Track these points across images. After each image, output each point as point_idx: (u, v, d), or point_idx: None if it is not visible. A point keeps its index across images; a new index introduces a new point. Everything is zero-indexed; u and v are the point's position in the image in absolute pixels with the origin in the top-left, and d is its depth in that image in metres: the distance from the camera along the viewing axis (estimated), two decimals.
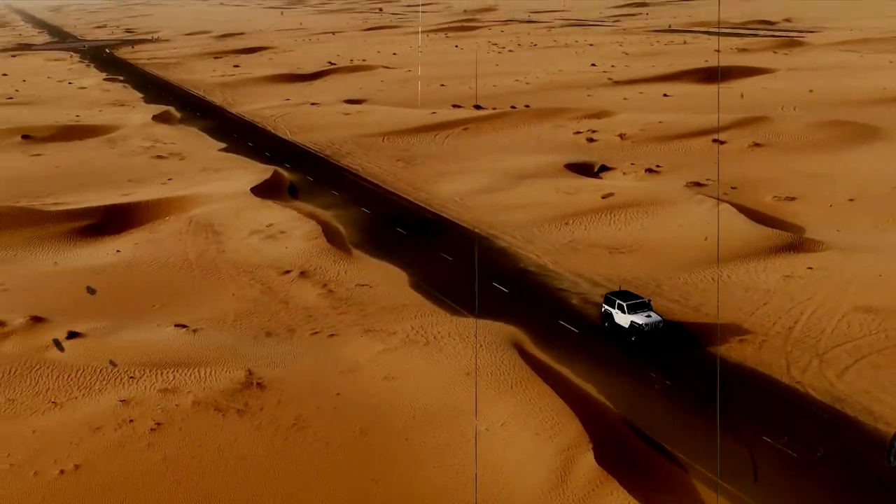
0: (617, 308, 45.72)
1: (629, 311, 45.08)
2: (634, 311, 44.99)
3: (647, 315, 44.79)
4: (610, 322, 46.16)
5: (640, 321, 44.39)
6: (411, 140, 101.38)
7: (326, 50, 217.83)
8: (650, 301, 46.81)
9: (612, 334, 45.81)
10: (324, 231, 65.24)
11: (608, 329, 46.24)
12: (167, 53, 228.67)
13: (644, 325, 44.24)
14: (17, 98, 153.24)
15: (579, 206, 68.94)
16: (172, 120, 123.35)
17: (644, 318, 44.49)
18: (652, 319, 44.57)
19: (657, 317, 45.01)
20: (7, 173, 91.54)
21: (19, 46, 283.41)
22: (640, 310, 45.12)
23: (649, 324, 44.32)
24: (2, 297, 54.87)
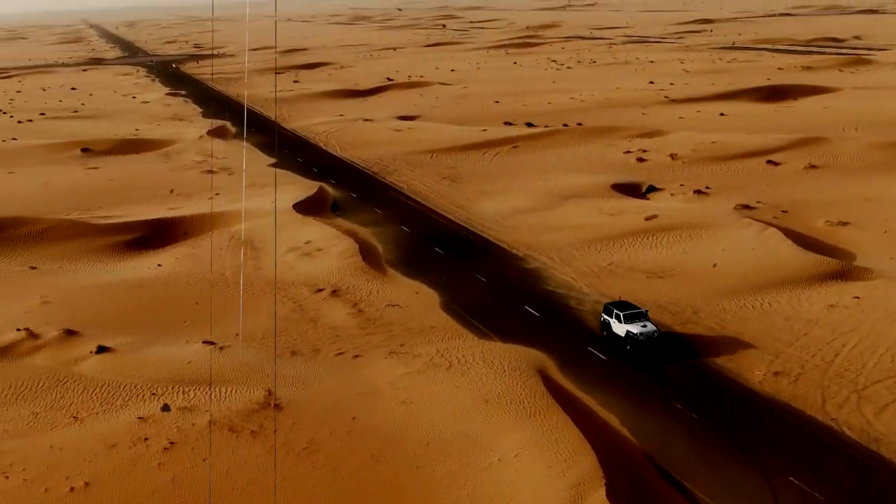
0: (614, 318, 47.00)
1: (625, 320, 46.26)
2: (630, 321, 46.19)
3: (642, 325, 45.89)
4: (608, 331, 47.48)
5: (635, 331, 45.54)
6: (459, 157, 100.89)
7: (386, 66, 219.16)
8: (647, 312, 47.52)
9: (610, 342, 46.85)
10: (360, 249, 65.04)
11: (606, 338, 47.36)
12: (230, 68, 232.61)
13: (639, 335, 45.38)
14: (82, 112, 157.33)
15: (621, 228, 67.50)
16: (227, 135, 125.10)
17: (639, 328, 45.62)
18: (647, 329, 45.63)
19: (652, 327, 46.01)
20: (63, 186, 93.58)
21: (91, 61, 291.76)
22: (635, 320, 46.29)
23: (643, 333, 45.44)
24: (41, 310, 55.71)
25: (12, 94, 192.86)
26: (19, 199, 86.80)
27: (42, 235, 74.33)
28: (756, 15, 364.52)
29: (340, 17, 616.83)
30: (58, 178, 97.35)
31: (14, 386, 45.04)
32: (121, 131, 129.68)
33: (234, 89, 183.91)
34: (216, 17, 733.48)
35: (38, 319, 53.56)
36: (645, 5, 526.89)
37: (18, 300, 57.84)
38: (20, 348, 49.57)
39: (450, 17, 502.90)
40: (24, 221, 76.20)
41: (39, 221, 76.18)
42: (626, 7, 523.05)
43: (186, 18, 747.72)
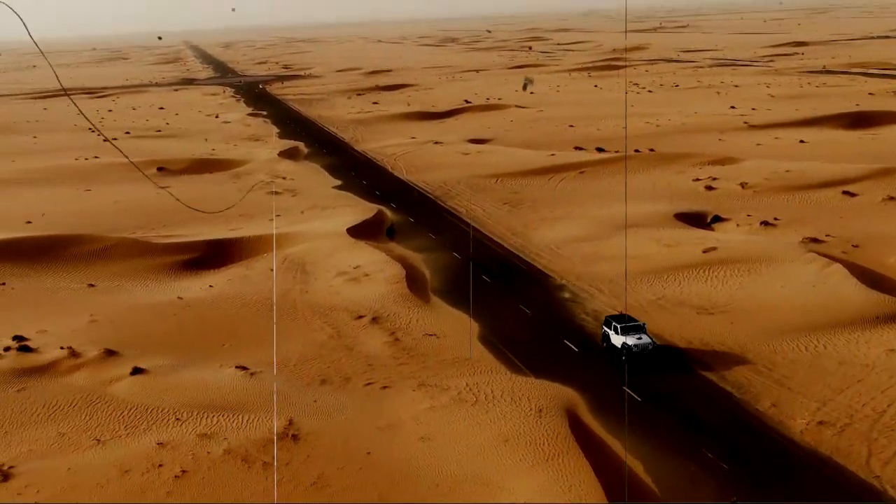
0: (612, 329, 48.83)
1: (622, 332, 48.09)
2: (627, 333, 47.97)
3: (637, 337, 47.64)
4: (607, 342, 49.39)
5: (630, 342, 47.38)
6: (524, 183, 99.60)
7: (466, 88, 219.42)
8: (644, 325, 49.14)
9: (610, 354, 48.77)
10: (407, 276, 64.41)
11: (606, 349, 49.32)
12: (314, 89, 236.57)
13: (634, 347, 47.22)
14: (165, 131, 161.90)
15: (677, 259, 65.19)
16: (298, 156, 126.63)
17: (634, 340, 47.43)
18: (642, 342, 47.44)
19: (648, 339, 47.76)
20: (132, 204, 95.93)
21: (183, 81, 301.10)
22: (632, 332, 48.03)
23: (638, 345, 47.25)
24: (87, 328, 56.69)
25: (104, 112, 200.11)
26: (88, 216, 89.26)
27: (104, 253, 76.11)
28: (853, 38, 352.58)
29: (430, 38, 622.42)
30: (129, 197, 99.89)
31: (49, 405, 45.71)
32: (198, 151, 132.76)
33: (315, 111, 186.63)
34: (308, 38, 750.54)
35: (83, 338, 54.45)
36: (738, 27, 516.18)
37: (69, 317, 59.03)
38: (61, 367, 50.40)
39: (537, 39, 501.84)
40: (87, 239, 78.25)
41: (102, 239, 78.10)
42: (718, 29, 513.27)
43: (280, 39, 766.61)
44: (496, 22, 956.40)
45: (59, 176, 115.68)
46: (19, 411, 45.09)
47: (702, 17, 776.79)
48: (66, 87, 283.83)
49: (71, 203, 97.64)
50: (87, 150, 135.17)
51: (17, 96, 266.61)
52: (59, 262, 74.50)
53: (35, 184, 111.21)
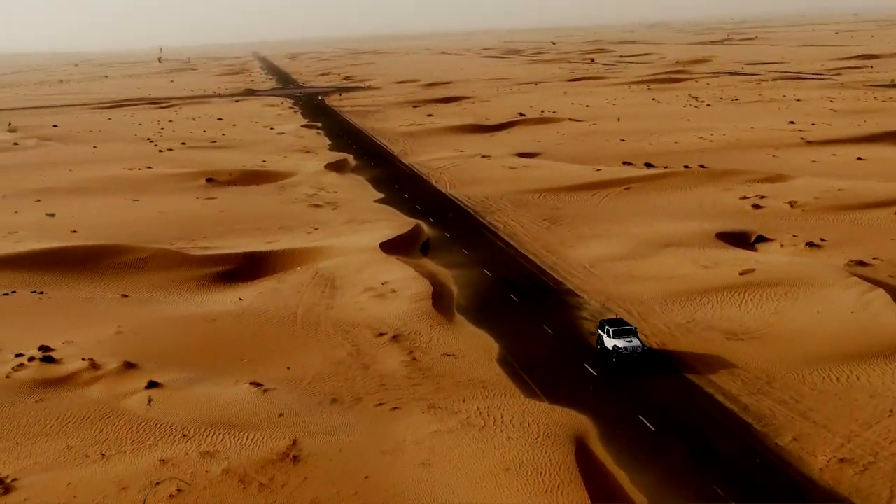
0: (605, 332, 50.62)
1: (614, 336, 49.88)
2: (618, 336, 49.75)
3: (627, 340, 49.34)
4: (601, 345, 51.06)
5: (620, 345, 49.18)
6: (567, 198, 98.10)
7: (523, 101, 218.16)
8: (635, 329, 50.89)
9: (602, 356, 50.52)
10: (434, 293, 63.63)
11: (600, 351, 50.98)
12: (371, 101, 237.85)
13: (623, 349, 49.02)
14: (220, 142, 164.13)
15: (712, 281, 63.15)
16: (345, 168, 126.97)
17: (625, 343, 49.19)
18: (631, 345, 49.15)
19: (637, 343, 49.45)
20: (176, 215, 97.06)
21: (245, 92, 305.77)
22: (623, 336, 49.76)
23: (627, 348, 49.00)
24: (112, 340, 57.10)
25: (165, 123, 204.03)
26: (131, 227, 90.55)
27: (141, 264, 76.98)
28: None
29: (493, 50, 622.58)
30: (174, 208, 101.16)
31: (63, 417, 46.03)
32: (249, 162, 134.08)
33: (369, 123, 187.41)
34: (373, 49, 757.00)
35: (106, 350, 54.85)
36: (807, 39, 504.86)
37: (97, 328, 59.60)
38: (80, 378, 50.80)
39: (601, 51, 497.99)
40: (127, 250, 79.27)
41: (141, 250, 79.03)
42: (787, 41, 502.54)
43: (346, 51, 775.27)
44: (562, 34, 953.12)
45: (110, 185, 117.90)
46: (34, 422, 45.49)
47: (771, 28, 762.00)
48: (134, 97, 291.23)
49: (117, 213, 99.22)
50: (141, 161, 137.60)
51: (85, 106, 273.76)
52: (98, 272, 75.59)
53: (87, 193, 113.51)
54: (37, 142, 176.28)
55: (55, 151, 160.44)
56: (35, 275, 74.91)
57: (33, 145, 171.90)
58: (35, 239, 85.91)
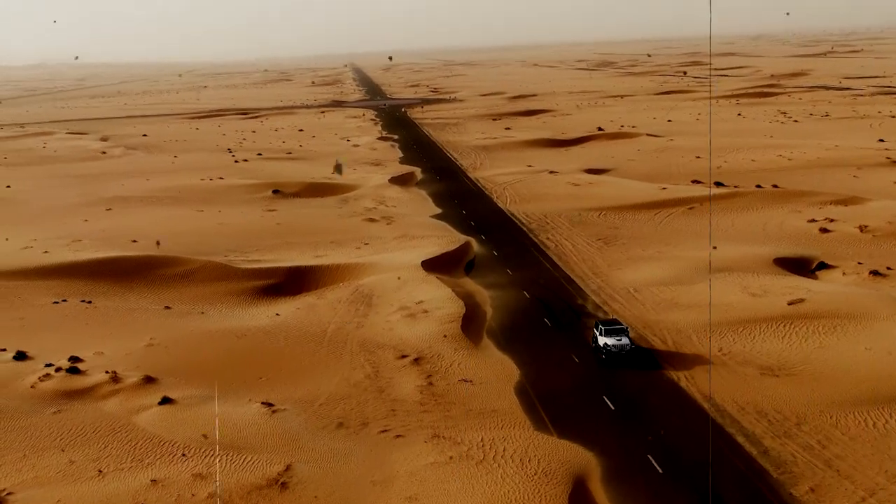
0: (598, 331, 53.77)
1: (605, 334, 53.07)
2: (609, 335, 52.88)
3: (618, 339, 52.50)
4: (595, 343, 54.08)
5: (610, 342, 52.34)
6: (626, 217, 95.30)
7: (605, 114, 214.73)
8: (627, 329, 54.03)
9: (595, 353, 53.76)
10: (466, 315, 62.26)
11: (594, 349, 54.16)
12: (452, 114, 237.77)
13: (612, 347, 52.19)
14: (296, 153, 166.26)
15: (758, 311, 59.94)
16: (409, 182, 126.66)
17: (614, 341, 52.35)
18: (620, 343, 52.34)
19: (626, 341, 52.53)
20: (234, 227, 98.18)
21: (333, 103, 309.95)
22: (613, 335, 52.86)
23: (615, 345, 52.21)
24: (141, 352, 57.62)
25: (248, 133, 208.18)
26: (189, 237, 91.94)
27: (189, 276, 77.93)
28: None
29: (587, 62, 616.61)
30: (234, 219, 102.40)
31: (74, 430, 46.42)
32: (318, 174, 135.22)
33: (445, 136, 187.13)
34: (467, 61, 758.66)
35: (132, 362, 55.39)
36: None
37: (130, 340, 60.31)
38: (99, 391, 51.31)
39: (697, 64, 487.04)
40: (177, 261, 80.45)
41: (190, 262, 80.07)
42: (893, 54, 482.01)
43: (440, 63, 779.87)
44: (662, 45, 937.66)
45: (180, 195, 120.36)
46: (45, 435, 45.99)
47: (880, 41, 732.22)
48: (225, 107, 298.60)
49: (179, 223, 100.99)
50: (215, 171, 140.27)
51: (178, 115, 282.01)
52: (147, 283, 76.83)
53: (156, 203, 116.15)
54: (123, 151, 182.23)
55: (138, 160, 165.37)
56: (88, 284, 76.63)
57: (119, 154, 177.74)
58: (95, 248, 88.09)
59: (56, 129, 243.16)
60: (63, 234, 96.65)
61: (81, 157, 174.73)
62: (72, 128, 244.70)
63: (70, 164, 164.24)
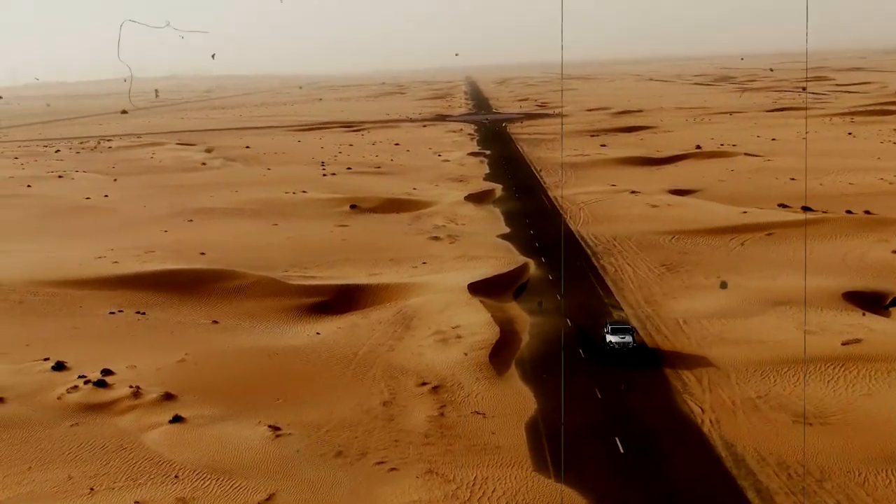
0: (607, 330, 58.39)
1: (611, 333, 57.64)
2: (614, 333, 57.37)
3: (622, 337, 56.80)
4: (602, 341, 58.38)
5: (614, 340, 56.73)
6: (699, 242, 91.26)
7: (707, 132, 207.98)
8: (633, 329, 58.89)
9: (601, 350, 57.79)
10: (499, 342, 60.44)
11: (600, 346, 58.38)
12: (551, 129, 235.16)
13: (616, 344, 56.52)
14: (385, 167, 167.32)
15: (811, 351, 55.53)
16: (486, 200, 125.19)
17: (618, 339, 56.69)
18: (623, 340, 56.52)
19: (629, 339, 56.63)
20: (302, 242, 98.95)
21: (436, 117, 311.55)
22: (619, 333, 57.41)
23: (618, 343, 56.50)
24: (171, 368, 58.19)
25: (345, 147, 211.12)
26: (255, 251, 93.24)
27: (242, 291, 78.79)
28: None
29: (705, 76, 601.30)
30: (304, 234, 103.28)
31: (84, 445, 47.02)
32: (399, 190, 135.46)
33: (537, 152, 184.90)
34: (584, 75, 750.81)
35: (159, 377, 56.00)
36: None
37: (166, 354, 61.08)
38: (118, 406, 51.96)
39: (820, 79, 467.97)
40: (233, 275, 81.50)
41: (245, 276, 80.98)
42: None
43: (556, 76, 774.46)
44: (787, 59, 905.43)
45: (261, 208, 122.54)
46: (56, 448, 46.71)
47: None
48: (331, 120, 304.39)
49: (250, 237, 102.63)
50: (301, 184, 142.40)
51: (286, 128, 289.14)
52: (202, 296, 78.06)
53: (236, 215, 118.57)
54: (222, 162, 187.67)
55: (233, 172, 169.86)
56: (147, 295, 78.46)
57: (218, 165, 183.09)
58: (162, 259, 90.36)
59: (168, 139, 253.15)
60: (140, 244, 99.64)
61: (182, 168, 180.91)
62: (183, 139, 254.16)
63: (170, 175, 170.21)
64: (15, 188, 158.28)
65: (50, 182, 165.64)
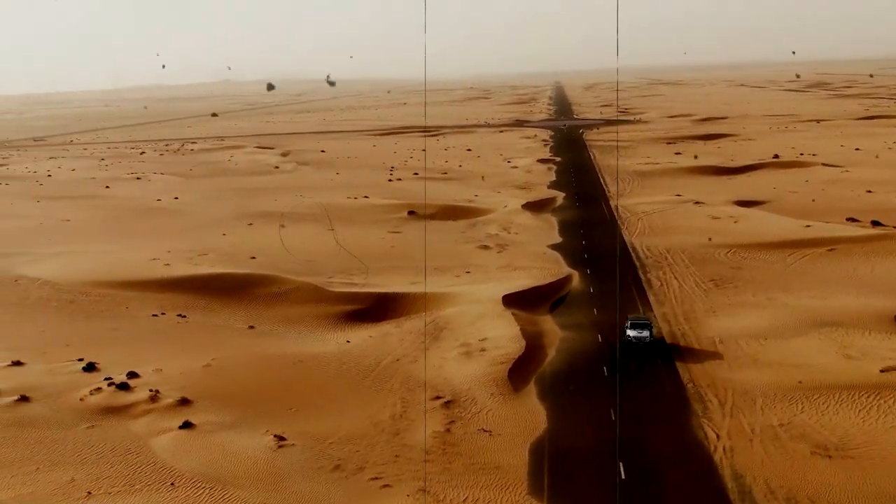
0: (627, 325, 61.61)
1: (631, 328, 61.07)
2: (633, 328, 60.92)
3: (639, 331, 60.49)
4: (623, 335, 61.15)
5: (632, 334, 60.44)
6: (756, 256, 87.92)
7: (789, 140, 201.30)
8: (651, 325, 62.11)
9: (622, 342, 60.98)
10: (522, 356, 59.19)
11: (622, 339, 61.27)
12: (628, 136, 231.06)
13: (633, 338, 60.20)
14: (451, 173, 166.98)
15: (844, 376, 52.96)
16: (545, 208, 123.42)
17: (636, 333, 60.38)
18: (640, 335, 60.26)
19: (646, 334, 60.42)
20: (353, 248, 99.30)
21: (514, 122, 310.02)
22: (637, 328, 60.90)
23: (636, 337, 60.22)
24: (194, 372, 58.80)
25: (417, 152, 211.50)
26: (304, 256, 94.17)
27: (282, 296, 79.41)
28: None
29: (798, 83, 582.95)
30: (356, 240, 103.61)
31: (94, 448, 47.78)
32: (460, 196, 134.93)
33: (608, 160, 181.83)
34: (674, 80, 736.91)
35: (180, 382, 56.66)
36: None
37: (194, 358, 61.84)
38: (135, 410, 52.74)
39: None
40: (276, 280, 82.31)
41: (287, 282, 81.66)
42: None
43: (647, 81, 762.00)
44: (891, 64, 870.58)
45: (321, 213, 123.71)
46: (68, 449, 47.58)
47: None
48: (408, 124, 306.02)
49: (303, 241, 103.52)
50: (365, 189, 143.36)
51: (365, 132, 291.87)
52: (242, 300, 78.99)
53: (295, 219, 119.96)
54: (294, 166, 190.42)
55: (303, 176, 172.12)
56: (192, 298, 79.84)
57: (290, 169, 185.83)
58: (213, 262, 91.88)
59: (248, 143, 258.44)
60: (196, 246, 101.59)
61: (255, 172, 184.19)
62: (263, 142, 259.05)
63: (242, 178, 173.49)
64: (94, 189, 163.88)
65: (128, 184, 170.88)
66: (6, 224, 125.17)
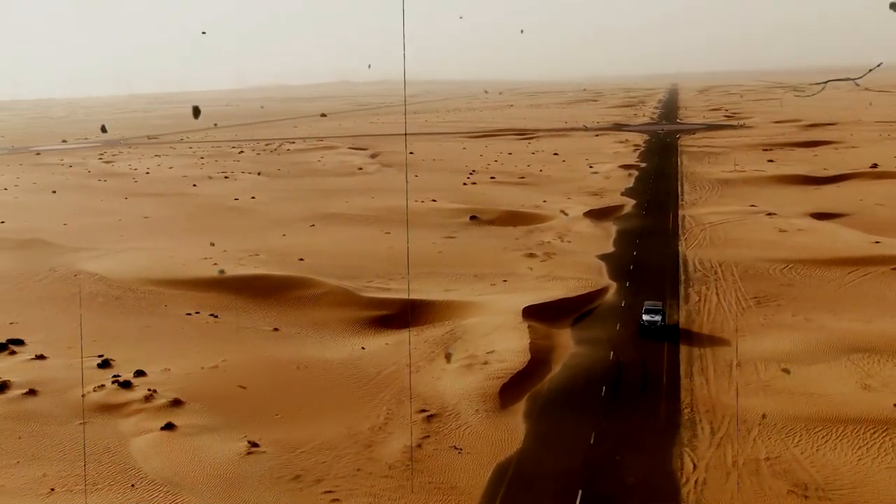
0: (643, 309, 67.78)
1: (645, 312, 67.05)
2: (647, 313, 66.88)
3: (652, 315, 66.44)
4: (640, 319, 67.08)
5: (646, 318, 66.32)
6: (811, 273, 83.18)
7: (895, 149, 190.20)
8: (663, 310, 68.00)
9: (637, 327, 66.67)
10: (523, 371, 57.65)
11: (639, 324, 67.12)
12: (723, 142, 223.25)
13: (645, 322, 66.08)
14: (529, 178, 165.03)
15: (854, 409, 49.35)
16: (608, 216, 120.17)
17: (649, 317, 66.29)
18: (652, 319, 66.14)
19: (658, 318, 66.16)
20: (401, 252, 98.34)
21: (613, 126, 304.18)
22: (650, 313, 66.86)
23: (648, 321, 66.05)
24: (199, 374, 59.81)
25: (503, 155, 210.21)
26: (350, 259, 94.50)
27: (315, 299, 79.97)
28: None
29: None
30: (411, 243, 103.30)
31: (76, 445, 48.99)
32: (528, 202, 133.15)
33: (694, 167, 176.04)
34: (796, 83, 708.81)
35: (181, 383, 57.68)
36: None
37: (204, 358, 62.96)
38: (128, 409, 53.96)
39: None
40: (310, 283, 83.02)
41: (321, 285, 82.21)
42: None
43: (767, 85, 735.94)
44: None
45: (384, 216, 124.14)
46: (53, 445, 49.04)
47: None
48: (505, 127, 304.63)
49: (355, 245, 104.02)
50: (435, 193, 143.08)
51: (461, 134, 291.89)
52: (276, 302, 79.92)
53: (357, 222, 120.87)
54: (377, 168, 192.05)
55: (383, 178, 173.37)
56: (229, 298, 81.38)
57: (373, 171, 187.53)
58: (260, 263, 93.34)
59: (344, 143, 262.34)
60: (251, 246, 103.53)
61: (338, 173, 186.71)
62: (359, 143, 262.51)
63: (324, 179, 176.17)
64: (182, 187, 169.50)
65: (215, 182, 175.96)
66: (89, 220, 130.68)
